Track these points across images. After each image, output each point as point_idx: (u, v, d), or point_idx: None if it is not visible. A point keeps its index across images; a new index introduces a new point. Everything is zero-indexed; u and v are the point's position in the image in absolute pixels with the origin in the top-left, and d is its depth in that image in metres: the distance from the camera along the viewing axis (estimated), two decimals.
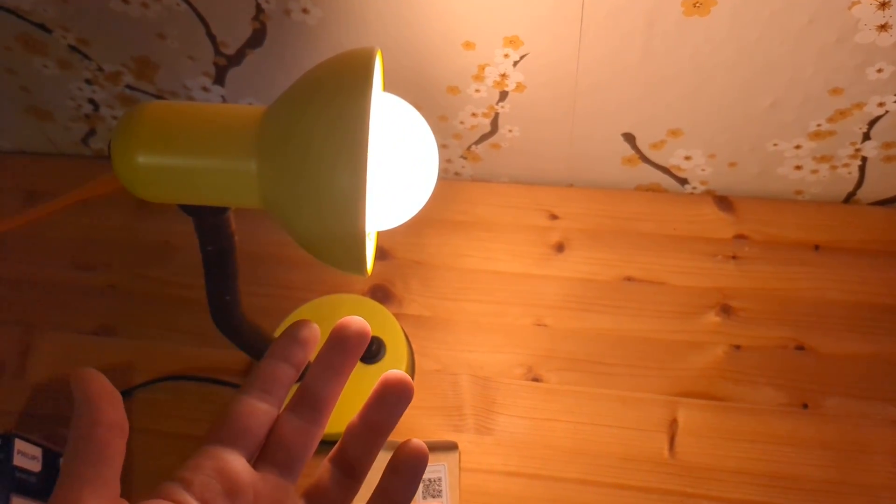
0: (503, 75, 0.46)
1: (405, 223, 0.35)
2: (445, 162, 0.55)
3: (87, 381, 0.20)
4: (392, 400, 0.23)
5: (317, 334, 0.24)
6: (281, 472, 0.22)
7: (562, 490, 0.44)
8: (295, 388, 0.25)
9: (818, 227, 0.51)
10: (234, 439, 0.22)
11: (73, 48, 0.49)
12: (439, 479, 0.45)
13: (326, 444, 0.52)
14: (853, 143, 0.47)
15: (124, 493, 0.21)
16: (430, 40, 0.44)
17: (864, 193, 0.52)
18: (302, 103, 0.30)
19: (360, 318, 0.24)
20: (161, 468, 0.46)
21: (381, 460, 0.25)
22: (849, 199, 0.52)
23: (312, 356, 0.25)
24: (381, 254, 0.53)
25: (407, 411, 0.49)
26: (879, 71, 0.41)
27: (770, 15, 0.39)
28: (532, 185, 0.55)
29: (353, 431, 0.23)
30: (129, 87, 0.52)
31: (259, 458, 0.22)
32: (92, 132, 0.58)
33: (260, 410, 0.23)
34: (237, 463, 0.21)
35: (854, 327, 0.47)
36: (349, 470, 0.23)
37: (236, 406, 0.23)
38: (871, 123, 0.45)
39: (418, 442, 0.23)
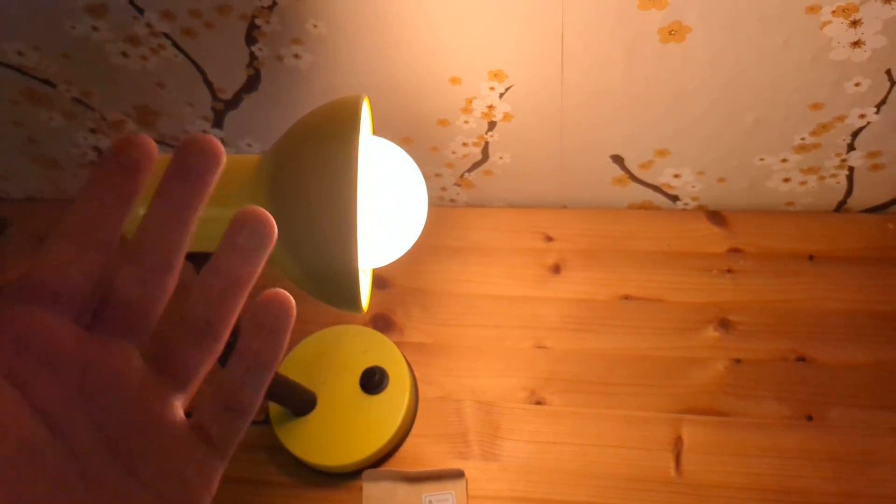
0: (490, 107, 0.47)
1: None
2: (440, 190, 0.56)
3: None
4: (249, 237, 0.18)
5: (154, 152, 0.17)
6: (121, 333, 0.17)
7: None
8: None
9: (811, 237, 0.51)
10: (50, 294, 0.17)
11: (76, 100, 0.51)
12: None
13: (318, 472, 0.51)
14: (839, 154, 0.48)
15: None
16: (418, 77, 0.45)
17: (855, 201, 0.52)
18: (294, 151, 0.31)
19: (208, 135, 0.18)
20: None
21: None
22: (840, 207, 0.53)
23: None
24: (380, 283, 0.54)
25: (412, 439, 0.49)
26: (857, 85, 0.42)
27: (745, 38, 0.40)
28: (526, 208, 0.56)
29: (203, 280, 0.18)
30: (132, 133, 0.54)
31: (93, 320, 0.17)
32: None
33: (83, 257, 0.17)
34: (57, 324, 0.16)
35: (853, 336, 0.47)
36: (205, 327, 0.18)
37: (49, 252, 0.17)
38: (855, 134, 0.46)
39: (282, 291, 0.18)
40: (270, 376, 0.19)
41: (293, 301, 0.19)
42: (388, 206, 0.34)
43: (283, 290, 0.19)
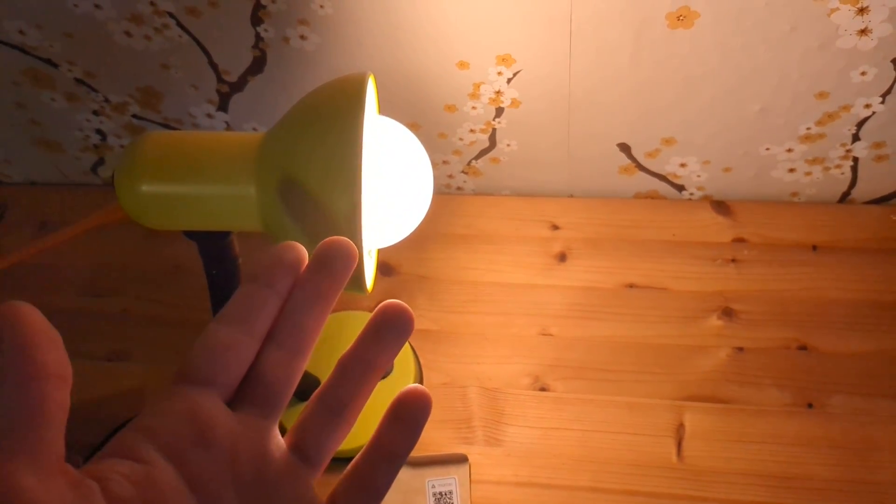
0: (498, 92, 0.47)
1: (409, 238, 0.35)
2: (447, 177, 0.56)
3: (18, 320, 0.16)
4: (389, 331, 0.20)
5: (305, 257, 0.20)
6: (261, 412, 0.19)
7: (573, 498, 0.44)
8: None
9: (815, 227, 0.52)
10: (208, 377, 0.18)
11: (79, 81, 0.51)
12: (450, 493, 0.45)
13: (341, 460, 0.52)
14: (843, 145, 0.48)
15: None
16: (425, 62, 0.45)
17: (859, 193, 0.52)
18: (298, 129, 0.31)
19: (345, 238, 0.20)
20: None
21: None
22: (844, 198, 0.53)
23: None
24: (386, 269, 0.54)
25: None
26: (863, 74, 0.42)
27: (752, 24, 0.40)
28: (533, 196, 0.56)
29: (345, 366, 0.20)
30: (135, 116, 0.54)
31: (236, 398, 0.19)
32: (100, 161, 0.59)
33: (239, 343, 0.19)
34: (212, 405, 0.18)
35: (855, 325, 0.48)
36: (339, 409, 0.20)
37: (211, 338, 0.19)
38: (860, 124, 0.46)
39: (421, 388, 0.20)
40: (401, 465, 0.20)
41: (431, 398, 0.21)
42: (393, 185, 0.34)
43: (422, 387, 0.21)
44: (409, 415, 0.20)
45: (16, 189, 0.62)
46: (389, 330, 0.20)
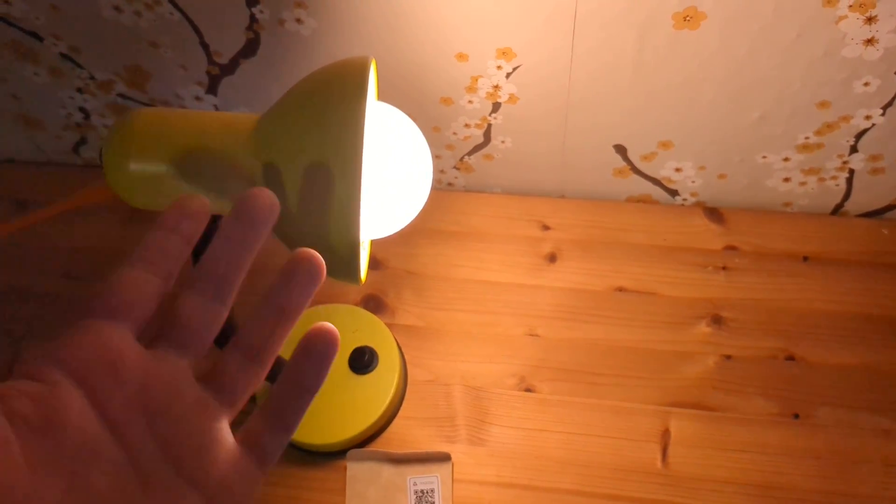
0: (496, 87, 0.46)
1: (398, 233, 0.35)
2: (438, 172, 0.55)
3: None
4: (301, 277, 0.21)
5: (207, 208, 0.21)
6: (177, 352, 0.20)
7: (554, 500, 0.43)
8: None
9: (807, 238, 0.51)
10: (117, 312, 0.19)
11: (64, 56, 0.49)
12: (432, 491, 0.44)
13: (302, 450, 0.51)
14: (840, 156, 0.48)
15: None
16: (424, 51, 0.44)
17: (852, 205, 0.52)
18: (297, 111, 0.30)
19: (265, 188, 0.22)
20: None
21: None
22: (836, 210, 0.53)
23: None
24: (373, 264, 0.53)
25: (399, 421, 0.49)
26: (866, 84, 0.42)
27: (759, 29, 0.40)
28: (524, 195, 0.55)
29: (257, 312, 0.21)
30: (120, 95, 0.52)
31: (152, 338, 0.20)
32: (83, 141, 0.58)
33: (147, 282, 0.20)
34: (122, 337, 0.19)
35: (843, 338, 0.48)
36: (252, 354, 0.21)
37: (119, 277, 0.20)
38: (858, 136, 0.46)
39: (328, 325, 0.21)
40: (312, 399, 0.21)
41: (338, 335, 0.21)
42: (393, 175, 0.33)
43: (330, 325, 0.21)
44: (318, 350, 0.21)
45: None
46: (300, 275, 0.21)
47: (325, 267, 0.21)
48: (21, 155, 0.60)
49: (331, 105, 0.29)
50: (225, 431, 0.20)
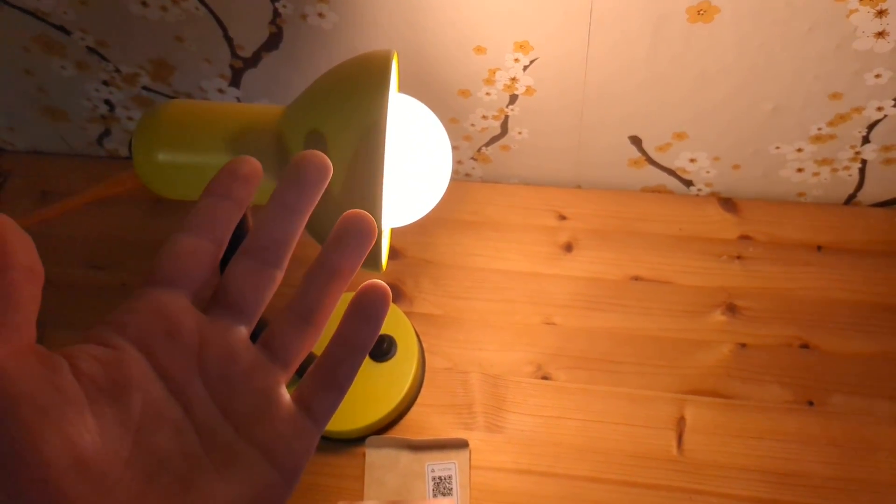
0: (513, 79, 0.47)
1: (416, 223, 0.35)
2: (456, 163, 0.56)
3: None
4: (353, 238, 0.21)
5: (259, 170, 0.21)
6: (232, 316, 0.20)
7: (572, 487, 0.44)
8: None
9: (821, 228, 0.52)
10: (172, 279, 0.19)
11: (90, 50, 0.50)
12: (450, 477, 0.45)
13: (321, 437, 0.51)
14: (853, 147, 0.48)
15: None
16: (442, 45, 0.45)
17: (865, 195, 0.53)
18: (322, 103, 0.31)
19: (319, 151, 0.21)
20: None
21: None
22: (850, 200, 0.53)
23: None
24: (392, 253, 0.53)
25: (417, 408, 0.49)
26: (878, 76, 0.43)
27: (771, 23, 0.40)
28: (541, 186, 0.56)
29: (310, 274, 0.21)
30: (145, 88, 0.53)
31: (208, 302, 0.20)
32: (107, 133, 0.59)
33: (201, 248, 0.20)
34: (178, 303, 0.19)
35: (857, 326, 0.48)
36: (307, 315, 0.21)
37: (173, 245, 0.20)
38: (871, 127, 0.47)
39: (380, 282, 0.21)
40: (363, 358, 0.21)
41: (390, 292, 0.21)
42: (414, 165, 0.33)
43: (382, 282, 0.21)
44: (370, 307, 0.21)
45: (18, 157, 0.61)
46: (351, 236, 0.21)
47: (376, 226, 0.21)
48: (45, 146, 0.61)
49: (354, 97, 0.30)
50: (281, 392, 0.20)
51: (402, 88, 0.43)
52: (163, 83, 0.52)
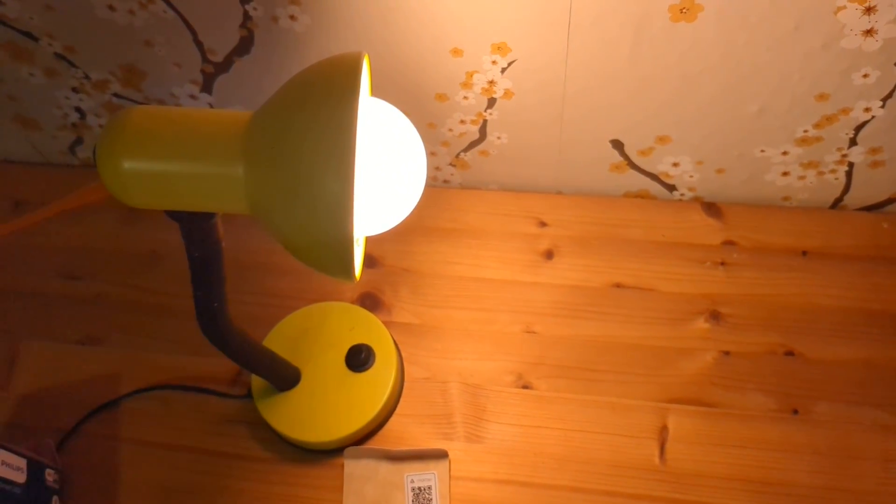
0: (491, 82, 0.46)
1: (394, 231, 0.34)
2: (434, 170, 0.55)
3: None
4: None
5: None
6: None
7: (552, 497, 0.43)
8: None
9: (806, 233, 0.51)
10: None
11: (59, 56, 0.49)
12: (429, 488, 0.44)
13: (299, 448, 0.51)
14: (840, 149, 0.48)
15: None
16: (419, 47, 0.44)
17: (852, 199, 0.52)
18: (289, 108, 0.30)
19: None
20: (148, 479, 0.46)
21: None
22: (836, 204, 0.53)
23: None
24: (370, 262, 0.53)
25: (396, 419, 0.49)
26: (865, 76, 0.42)
27: (757, 21, 0.39)
28: (521, 192, 0.55)
29: None
30: (116, 95, 0.52)
31: None
32: (79, 141, 0.58)
33: None
34: None
35: (843, 333, 0.47)
36: None
37: None
38: (858, 129, 0.46)
39: None
40: None
41: None
42: (386, 171, 0.32)
43: None
44: None
45: None
46: None
47: None
48: (17, 155, 0.60)
49: (323, 100, 0.29)
50: None
51: (377, 93, 0.42)
52: (134, 89, 0.51)
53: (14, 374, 0.50)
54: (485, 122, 0.49)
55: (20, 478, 0.42)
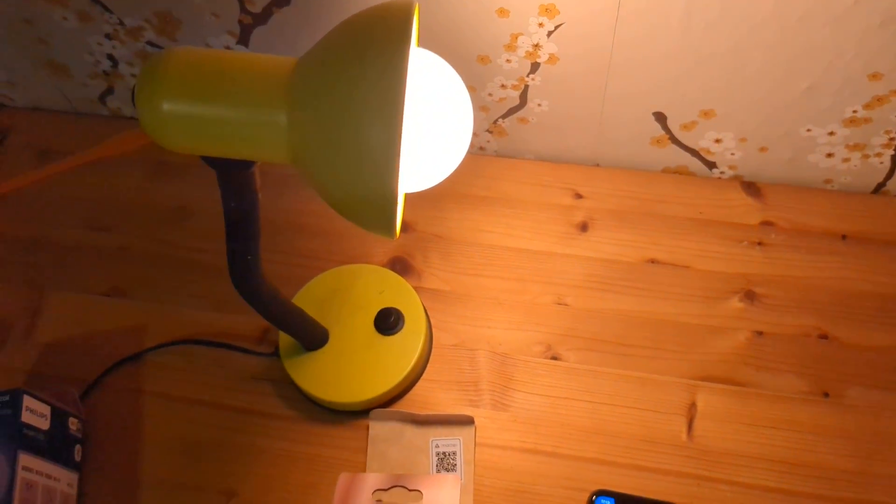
0: (536, 45, 0.45)
1: (427, 196, 0.34)
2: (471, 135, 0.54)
3: None
4: None
5: None
6: None
7: (577, 469, 0.43)
8: None
9: (846, 216, 0.50)
10: None
11: (94, 0, 0.48)
12: (454, 453, 0.44)
13: (325, 409, 0.51)
14: (888, 132, 0.46)
15: (135, 459, 0.15)
16: (464, 5, 0.43)
17: (894, 185, 0.51)
18: (337, 55, 0.29)
19: None
20: (170, 432, 0.46)
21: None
22: (878, 189, 0.52)
23: None
24: (402, 226, 0.52)
25: (423, 384, 0.48)
26: None
27: None
28: (557, 163, 0.54)
29: None
30: (150, 43, 0.51)
31: None
32: (109, 90, 0.57)
33: None
34: None
35: (879, 319, 0.47)
36: None
37: None
38: None
39: None
40: None
41: None
42: (432, 125, 0.32)
43: None
44: None
45: (19, 113, 0.60)
46: None
47: None
48: (46, 103, 0.59)
49: (373, 49, 0.28)
50: None
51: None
52: (168, 38, 0.50)
53: (39, 323, 0.50)
54: (526, 87, 0.48)
55: (44, 424, 0.42)
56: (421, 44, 0.44)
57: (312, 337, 0.45)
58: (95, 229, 0.54)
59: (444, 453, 0.44)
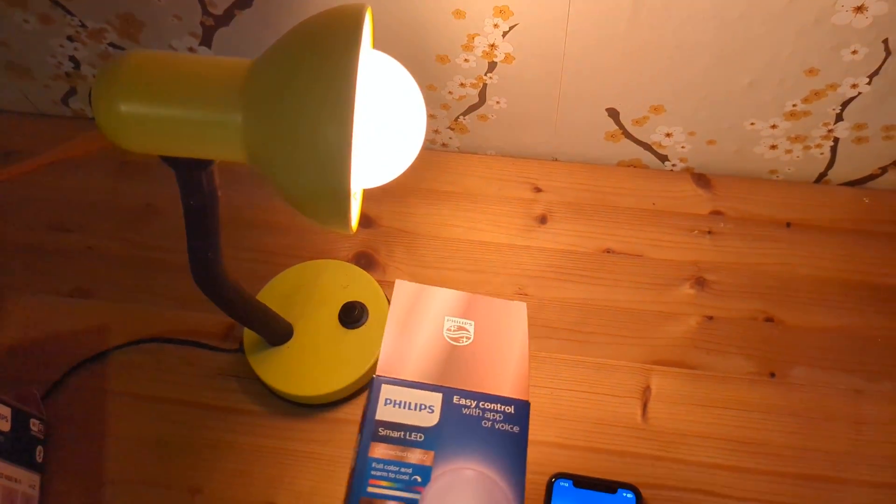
0: (492, 45, 0.46)
1: (391, 191, 0.35)
2: (433, 132, 0.55)
3: None
4: None
5: None
6: None
7: (538, 453, 0.45)
8: None
9: (790, 205, 0.53)
10: None
11: (55, 2, 0.48)
12: None
13: (290, 402, 0.51)
14: (826, 124, 0.49)
15: (100, 458, 0.15)
16: (421, 6, 0.44)
17: (835, 174, 0.54)
18: (290, 56, 0.30)
19: None
20: (136, 431, 0.46)
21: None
22: (820, 179, 0.54)
23: None
24: (366, 221, 0.53)
25: None
26: (854, 53, 0.43)
27: None
28: (517, 158, 0.55)
29: None
30: (112, 45, 0.51)
31: None
32: (72, 91, 0.57)
33: None
34: None
35: (821, 301, 0.49)
36: None
37: None
38: (844, 105, 0.47)
39: None
40: None
41: None
42: (385, 123, 0.33)
43: None
44: None
45: None
46: None
47: None
48: (8, 104, 0.59)
49: (324, 49, 0.29)
50: None
51: (380, 50, 0.42)
52: (131, 40, 0.51)
53: (1, 326, 0.50)
54: (485, 85, 0.50)
55: (4, 426, 0.42)
56: (381, 44, 0.45)
57: (276, 332, 0.46)
58: (58, 230, 0.54)
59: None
